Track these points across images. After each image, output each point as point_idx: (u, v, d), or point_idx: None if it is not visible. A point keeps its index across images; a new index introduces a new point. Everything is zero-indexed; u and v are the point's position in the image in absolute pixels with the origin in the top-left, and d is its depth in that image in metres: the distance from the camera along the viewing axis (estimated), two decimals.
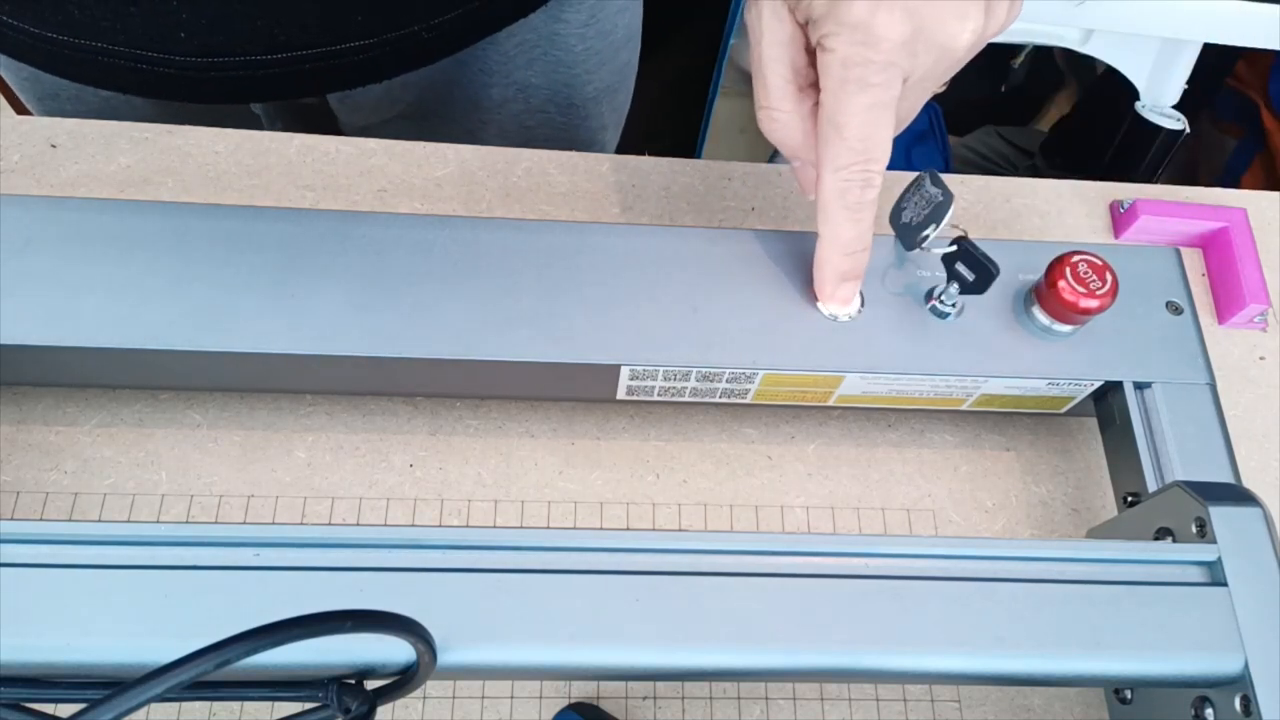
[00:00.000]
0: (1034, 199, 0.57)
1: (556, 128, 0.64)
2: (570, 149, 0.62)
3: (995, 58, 1.43)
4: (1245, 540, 0.37)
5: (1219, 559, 0.36)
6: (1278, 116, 1.23)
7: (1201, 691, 0.36)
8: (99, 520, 0.44)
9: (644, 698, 0.43)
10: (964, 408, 0.46)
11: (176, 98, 0.52)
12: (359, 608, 0.28)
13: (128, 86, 0.51)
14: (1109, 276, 0.43)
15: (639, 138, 0.73)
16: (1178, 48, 0.91)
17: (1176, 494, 0.39)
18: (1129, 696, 0.40)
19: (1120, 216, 0.56)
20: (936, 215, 0.41)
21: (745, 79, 1.51)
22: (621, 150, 0.61)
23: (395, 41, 0.50)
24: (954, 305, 0.44)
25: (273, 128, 0.62)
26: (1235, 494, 0.39)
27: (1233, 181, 1.29)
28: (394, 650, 0.31)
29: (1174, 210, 0.55)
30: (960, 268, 0.42)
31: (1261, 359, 0.53)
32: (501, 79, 0.60)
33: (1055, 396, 0.45)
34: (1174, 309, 0.46)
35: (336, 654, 0.31)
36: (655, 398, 0.45)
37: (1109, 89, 1.04)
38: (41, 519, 0.44)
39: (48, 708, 0.29)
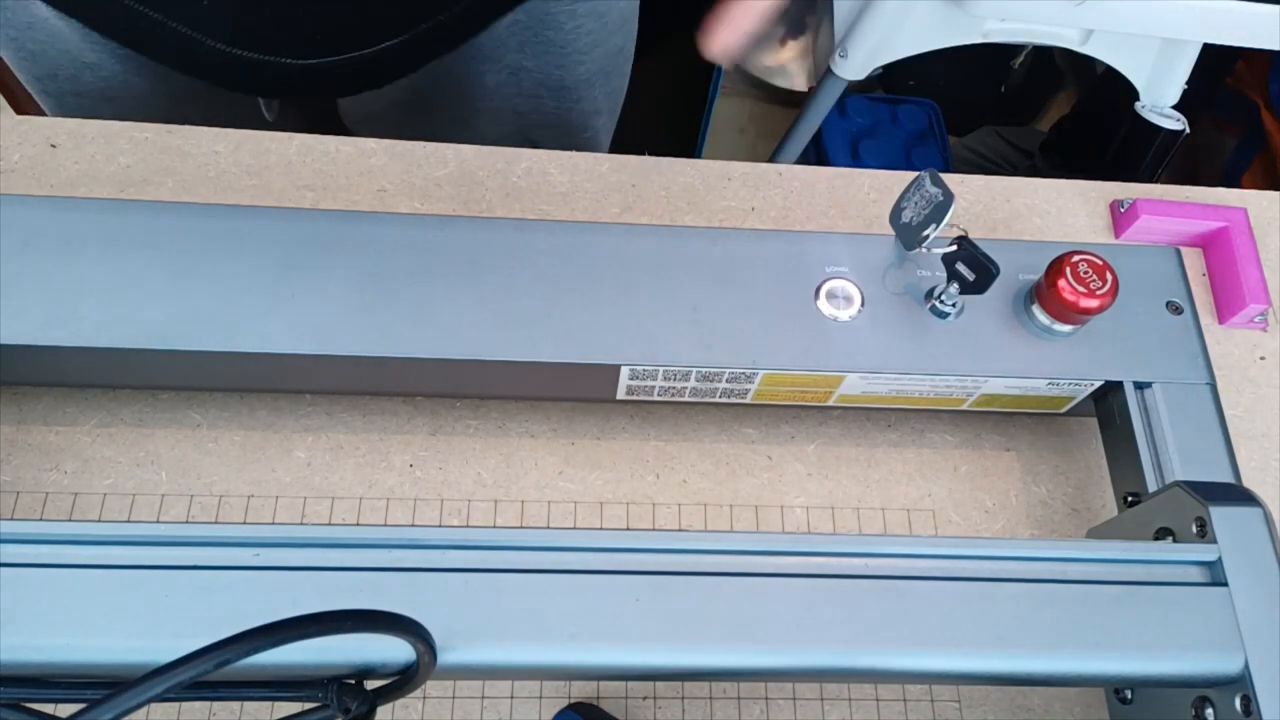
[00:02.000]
0: (1034, 199, 0.57)
1: (549, 112, 0.64)
2: (563, 133, 0.61)
3: (995, 58, 1.43)
4: (1245, 540, 0.37)
5: (1219, 559, 0.36)
6: (1278, 116, 1.23)
7: (1202, 691, 0.36)
8: (99, 520, 0.44)
9: (644, 698, 0.43)
10: (964, 408, 0.46)
11: (205, 77, 0.51)
12: (359, 608, 0.28)
13: (158, 54, 0.50)
14: (1109, 276, 0.43)
15: (639, 138, 0.73)
16: (1178, 48, 0.91)
17: (1176, 494, 0.39)
18: (1129, 696, 0.40)
19: (1120, 216, 0.56)
20: (936, 215, 0.41)
21: (745, 79, 1.51)
22: (621, 150, 0.61)
23: (425, 33, 0.50)
24: (954, 305, 0.44)
25: (269, 111, 0.62)
26: (1235, 494, 0.39)
27: (1233, 181, 1.29)
28: (394, 650, 0.31)
29: (1174, 210, 0.55)
30: (960, 268, 0.42)
31: (1261, 359, 0.53)
32: (494, 63, 0.60)
33: (1055, 396, 0.45)
34: (1174, 309, 0.45)
35: (336, 654, 0.31)
36: (655, 398, 0.45)
37: (1109, 89, 1.04)
38: (41, 519, 0.44)
39: (48, 708, 0.29)
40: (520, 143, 0.63)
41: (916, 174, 0.43)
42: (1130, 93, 0.97)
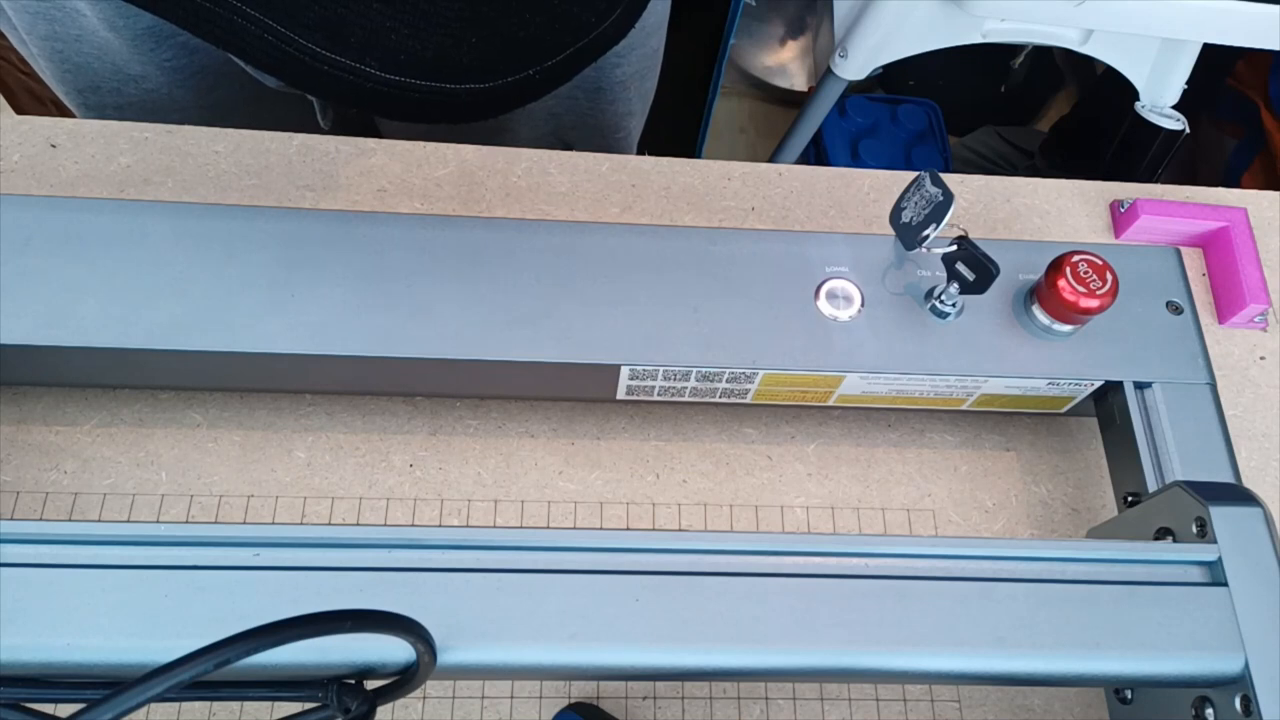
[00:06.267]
0: (1034, 199, 0.57)
1: (583, 113, 0.64)
2: (597, 134, 0.61)
3: (995, 58, 1.43)
4: (1245, 540, 0.37)
5: (1219, 559, 0.36)
6: (1278, 116, 1.22)
7: (1202, 691, 0.36)
8: (99, 520, 0.44)
9: (644, 698, 0.43)
10: (964, 408, 0.46)
11: (288, 80, 0.51)
12: (359, 608, 0.28)
13: (244, 52, 0.50)
14: (1109, 276, 0.43)
15: (639, 137, 0.73)
16: (1178, 48, 0.91)
17: (1176, 494, 0.39)
18: (1129, 696, 0.40)
19: (1120, 216, 0.56)
20: (936, 215, 0.41)
21: (745, 79, 1.51)
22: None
23: (510, 85, 0.50)
24: (954, 305, 0.44)
25: (324, 120, 0.61)
26: (1235, 494, 0.39)
27: (1233, 181, 1.29)
28: (394, 650, 0.31)
29: (1174, 210, 0.55)
30: (960, 268, 0.42)
31: (1261, 359, 0.53)
32: None
33: (1055, 396, 0.45)
34: (1174, 309, 0.45)
35: (336, 654, 0.31)
36: (655, 398, 0.45)
37: (1109, 89, 1.04)
38: (41, 519, 0.43)
39: (48, 708, 0.29)
40: (553, 144, 0.63)
41: (916, 174, 0.43)
42: (1130, 93, 0.97)
